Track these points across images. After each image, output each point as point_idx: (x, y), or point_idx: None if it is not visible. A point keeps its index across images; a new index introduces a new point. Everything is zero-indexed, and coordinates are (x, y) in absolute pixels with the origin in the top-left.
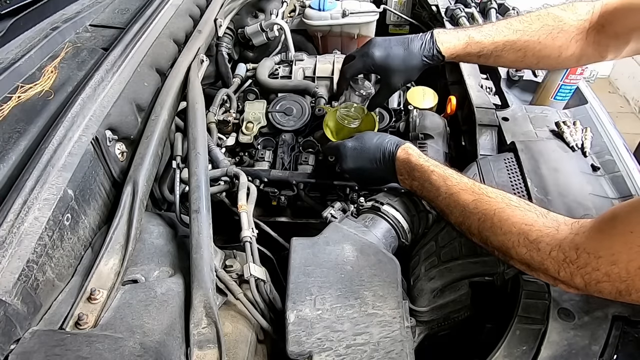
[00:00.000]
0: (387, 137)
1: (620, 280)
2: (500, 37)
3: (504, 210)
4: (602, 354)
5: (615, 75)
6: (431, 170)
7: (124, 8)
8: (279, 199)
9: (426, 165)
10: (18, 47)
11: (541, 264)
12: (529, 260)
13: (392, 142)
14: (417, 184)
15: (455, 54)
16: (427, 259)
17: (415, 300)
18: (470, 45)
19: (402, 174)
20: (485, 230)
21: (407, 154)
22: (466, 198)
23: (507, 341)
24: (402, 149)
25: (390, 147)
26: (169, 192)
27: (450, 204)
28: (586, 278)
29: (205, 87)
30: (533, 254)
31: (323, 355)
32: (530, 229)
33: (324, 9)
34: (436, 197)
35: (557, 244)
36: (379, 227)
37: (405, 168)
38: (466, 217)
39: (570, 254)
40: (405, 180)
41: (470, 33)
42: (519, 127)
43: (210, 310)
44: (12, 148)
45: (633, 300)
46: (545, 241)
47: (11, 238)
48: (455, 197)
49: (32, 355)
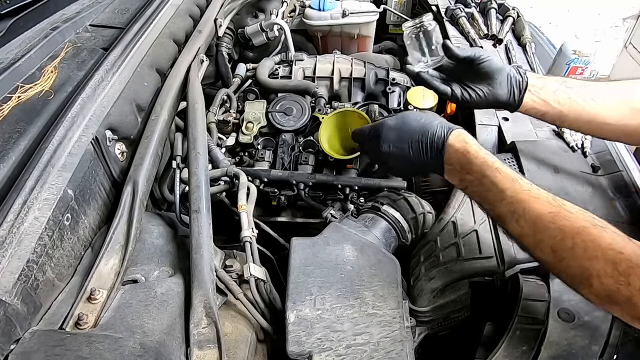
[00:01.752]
0: (436, 119)
1: None
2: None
3: (589, 230)
4: (602, 354)
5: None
6: (496, 167)
7: (124, 8)
8: (279, 199)
9: (490, 161)
10: (18, 47)
11: (629, 298)
12: (614, 293)
13: (442, 125)
14: (473, 179)
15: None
16: (427, 259)
17: (415, 300)
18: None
19: (452, 164)
20: (564, 251)
21: (464, 142)
22: (540, 209)
23: (507, 341)
24: (456, 136)
25: (440, 131)
26: (169, 192)
27: (515, 211)
28: None
29: (205, 87)
30: (621, 288)
31: (323, 355)
32: (621, 257)
33: (324, 9)
34: (499, 200)
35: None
36: (379, 227)
37: (458, 158)
38: (538, 230)
39: None
40: (455, 172)
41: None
42: (519, 127)
43: (210, 310)
44: (12, 148)
45: None
46: (636, 274)
47: (11, 238)
48: (526, 205)
49: (32, 355)
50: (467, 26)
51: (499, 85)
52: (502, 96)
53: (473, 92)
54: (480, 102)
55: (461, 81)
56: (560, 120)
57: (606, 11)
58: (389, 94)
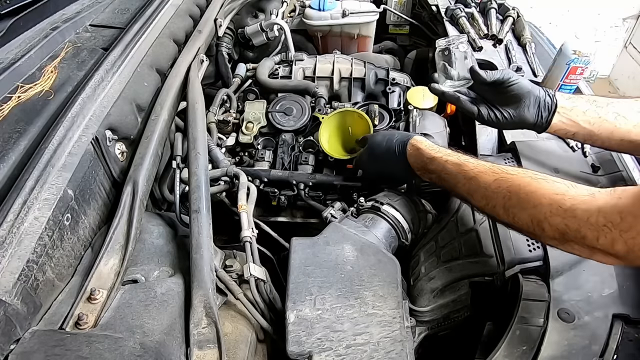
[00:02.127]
0: (394, 137)
1: None
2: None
3: (530, 184)
4: (602, 354)
5: (615, 75)
6: (444, 159)
7: (124, 8)
8: (279, 199)
9: (438, 156)
10: (18, 47)
11: (578, 232)
12: (564, 229)
13: (399, 140)
14: (435, 177)
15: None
16: (427, 259)
17: (415, 300)
18: None
19: (418, 169)
20: (512, 207)
21: (417, 148)
22: (486, 179)
23: (507, 341)
24: (411, 145)
25: (399, 146)
26: (169, 192)
27: (470, 188)
28: (629, 243)
29: (205, 87)
30: (569, 222)
31: (323, 355)
32: (563, 198)
33: (324, 9)
34: (455, 185)
35: (597, 209)
36: (379, 227)
37: (418, 163)
38: (490, 198)
39: (613, 217)
40: (424, 174)
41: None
42: None
43: (210, 310)
44: (12, 148)
45: None
46: (581, 208)
47: (11, 238)
48: (475, 181)
49: (32, 355)
50: (467, 26)
51: (527, 108)
52: (530, 118)
53: (500, 113)
54: (506, 124)
55: (489, 101)
56: (591, 139)
57: (606, 11)
58: (389, 94)
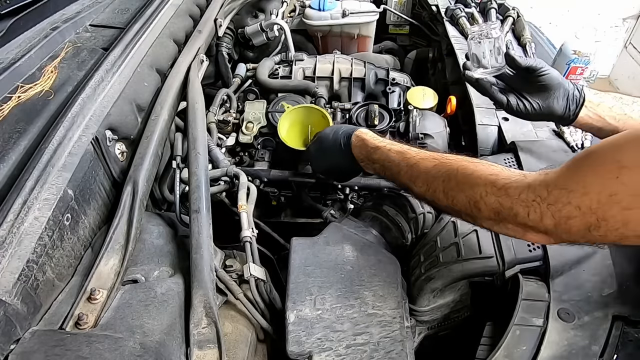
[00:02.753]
0: (341, 129)
1: (591, 212)
2: None
3: (466, 166)
4: (602, 354)
5: (615, 75)
6: (388, 148)
7: (124, 8)
8: (279, 199)
9: (382, 145)
10: (18, 47)
11: (510, 209)
12: (499, 207)
13: (345, 132)
14: (379, 166)
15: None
16: (427, 259)
17: (415, 300)
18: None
19: (362, 160)
20: (451, 190)
21: (361, 139)
22: (427, 165)
23: (507, 341)
24: (355, 136)
25: (344, 137)
26: (169, 192)
27: (412, 175)
28: (556, 216)
29: (205, 87)
30: (502, 200)
31: (323, 355)
32: (497, 178)
33: (324, 9)
34: (398, 173)
35: (526, 185)
36: (379, 227)
37: (363, 153)
38: (430, 182)
39: (541, 192)
40: (368, 165)
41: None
42: (519, 127)
43: (210, 310)
44: (12, 148)
45: (599, 238)
46: (513, 186)
47: (11, 238)
48: (416, 167)
49: (32, 355)
50: (467, 26)
51: (556, 100)
52: (558, 110)
53: (529, 103)
54: (533, 115)
55: (518, 91)
56: None
57: (606, 11)
58: (389, 94)
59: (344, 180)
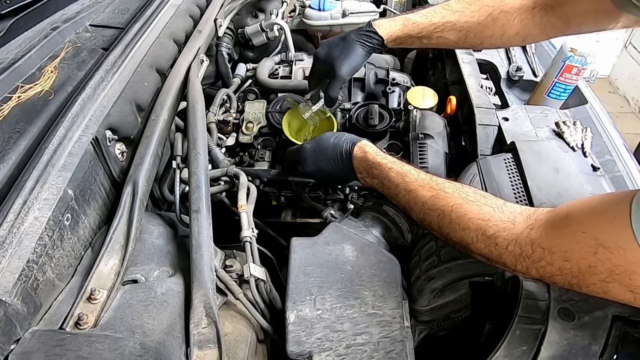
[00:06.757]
0: (344, 136)
1: (572, 276)
2: (438, 18)
3: (461, 205)
4: (602, 354)
5: (615, 75)
6: (389, 167)
7: (124, 8)
8: (279, 199)
9: (383, 163)
10: (18, 47)
11: (499, 257)
12: (488, 254)
13: (348, 141)
14: (377, 182)
15: (394, 36)
16: (427, 259)
17: (415, 300)
18: (407, 26)
19: (360, 172)
20: (445, 227)
21: (364, 151)
22: (424, 195)
23: (507, 341)
24: (359, 147)
25: (347, 146)
26: (169, 192)
27: (410, 201)
28: (541, 271)
29: (205, 87)
30: (491, 249)
31: (323, 355)
32: (487, 225)
33: (324, 9)
34: (396, 194)
35: (514, 238)
36: (379, 227)
37: (363, 166)
38: (426, 213)
39: (526, 248)
40: (365, 178)
41: (407, 16)
42: (519, 127)
43: (210, 310)
44: (12, 148)
45: (584, 292)
46: (502, 236)
47: (11, 238)
48: (414, 194)
49: (32, 355)
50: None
51: None
52: None
53: None
54: (343, 67)
55: None
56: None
57: None
58: (389, 94)
59: (332, 185)
